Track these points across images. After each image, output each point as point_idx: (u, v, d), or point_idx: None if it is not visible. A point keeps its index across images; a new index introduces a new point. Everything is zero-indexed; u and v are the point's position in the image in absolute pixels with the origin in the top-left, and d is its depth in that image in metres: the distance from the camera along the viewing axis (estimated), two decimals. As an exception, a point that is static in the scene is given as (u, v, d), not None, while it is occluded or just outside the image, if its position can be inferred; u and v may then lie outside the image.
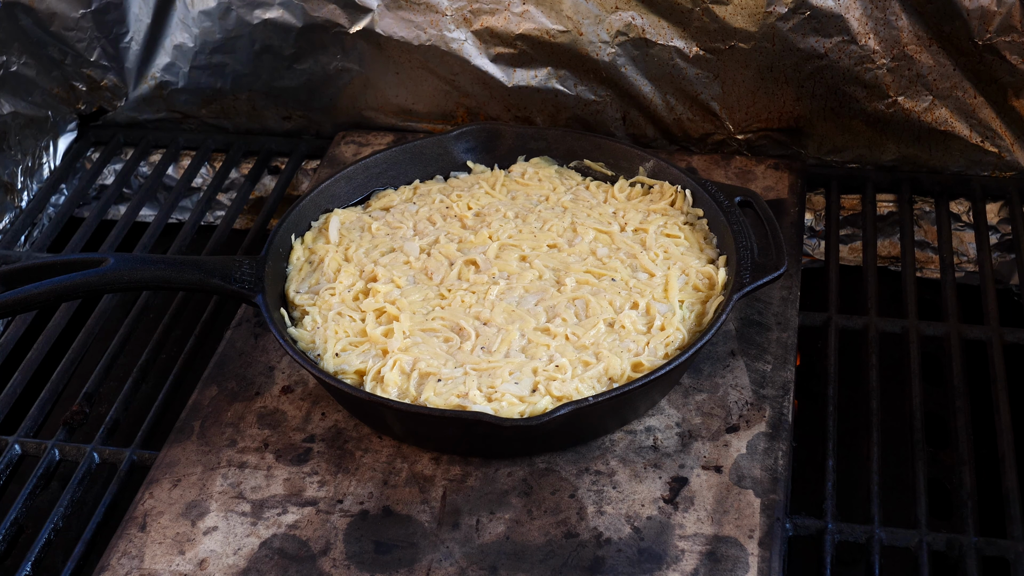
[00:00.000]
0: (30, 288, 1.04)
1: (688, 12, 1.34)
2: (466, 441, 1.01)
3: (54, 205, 1.59)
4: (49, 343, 1.29)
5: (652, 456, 1.01)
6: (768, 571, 0.92)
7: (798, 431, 1.12)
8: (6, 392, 1.22)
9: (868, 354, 1.19)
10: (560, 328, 1.04)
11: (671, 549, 0.93)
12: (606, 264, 1.12)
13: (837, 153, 1.44)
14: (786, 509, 0.99)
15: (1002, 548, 0.99)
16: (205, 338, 1.27)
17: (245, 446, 1.05)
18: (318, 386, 1.10)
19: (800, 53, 1.35)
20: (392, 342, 1.04)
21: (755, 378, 1.08)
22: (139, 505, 1.01)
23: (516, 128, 1.28)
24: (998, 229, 1.43)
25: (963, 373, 1.16)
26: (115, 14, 1.50)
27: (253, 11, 1.45)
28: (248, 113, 1.57)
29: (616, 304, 1.07)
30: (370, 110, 1.53)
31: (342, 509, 0.98)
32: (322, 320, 1.07)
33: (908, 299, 1.25)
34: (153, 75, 1.54)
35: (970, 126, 1.37)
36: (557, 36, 1.40)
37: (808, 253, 1.48)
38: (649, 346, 1.03)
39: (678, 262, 1.11)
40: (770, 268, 1.06)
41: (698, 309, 1.07)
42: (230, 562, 0.95)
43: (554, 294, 1.08)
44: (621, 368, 1.00)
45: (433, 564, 0.93)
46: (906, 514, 1.04)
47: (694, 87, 1.40)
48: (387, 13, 1.42)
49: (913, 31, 1.31)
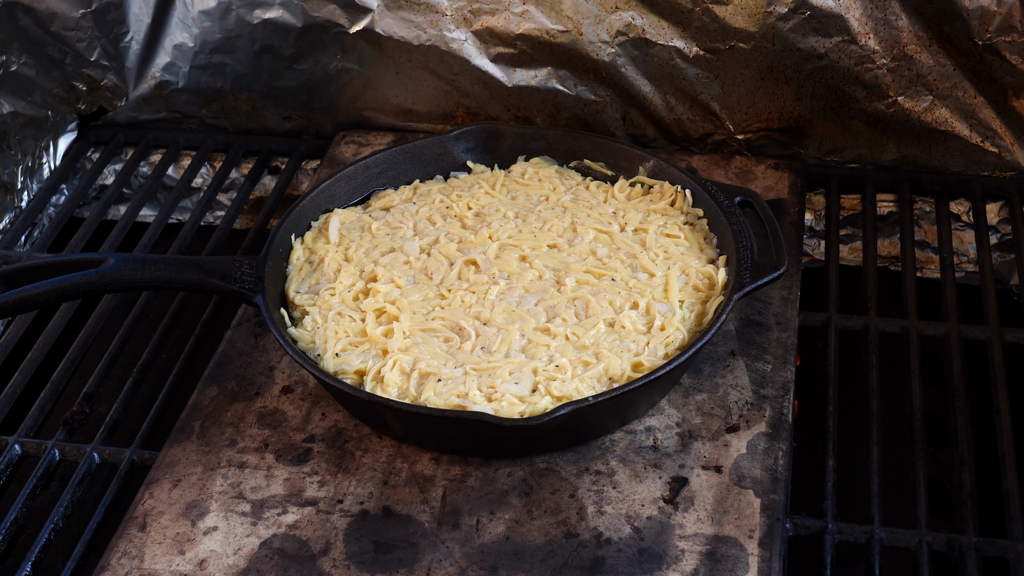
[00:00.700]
0: (30, 288, 1.04)
1: (688, 12, 1.34)
2: (466, 441, 1.01)
3: (54, 205, 1.59)
4: (49, 343, 1.29)
5: (652, 456, 1.01)
6: (768, 571, 0.92)
7: (798, 431, 1.12)
8: (6, 392, 1.22)
9: (868, 354, 1.19)
10: (560, 328, 1.04)
11: (671, 549, 0.93)
12: (606, 264, 1.12)
13: (837, 153, 1.44)
14: (786, 509, 0.99)
15: (1002, 548, 0.99)
16: (205, 338, 1.27)
17: (245, 446, 1.05)
18: (318, 386, 1.10)
19: (800, 53, 1.35)
20: (392, 342, 1.04)
21: (755, 378, 1.08)
22: (139, 505, 1.01)
23: (516, 128, 1.28)
24: (998, 229, 1.43)
25: (963, 373, 1.16)
26: (115, 14, 1.50)
27: (253, 11, 1.45)
28: (248, 113, 1.57)
29: (616, 304, 1.07)
30: (370, 110, 1.53)
31: (342, 509, 0.98)
32: (322, 320, 1.07)
33: (908, 299, 1.25)
34: (153, 75, 1.54)
35: (970, 126, 1.37)
36: (557, 36, 1.40)
37: (808, 253, 1.48)
38: (649, 346, 1.03)
39: (678, 262, 1.11)
40: (770, 268, 1.06)
41: (698, 309, 1.07)
42: (230, 562, 0.95)
43: (554, 294, 1.08)
44: (621, 368, 1.00)
45: (433, 564, 0.93)
46: (906, 514, 1.04)
47: (694, 87, 1.40)
48: (387, 13, 1.42)
49: (913, 31, 1.31)
